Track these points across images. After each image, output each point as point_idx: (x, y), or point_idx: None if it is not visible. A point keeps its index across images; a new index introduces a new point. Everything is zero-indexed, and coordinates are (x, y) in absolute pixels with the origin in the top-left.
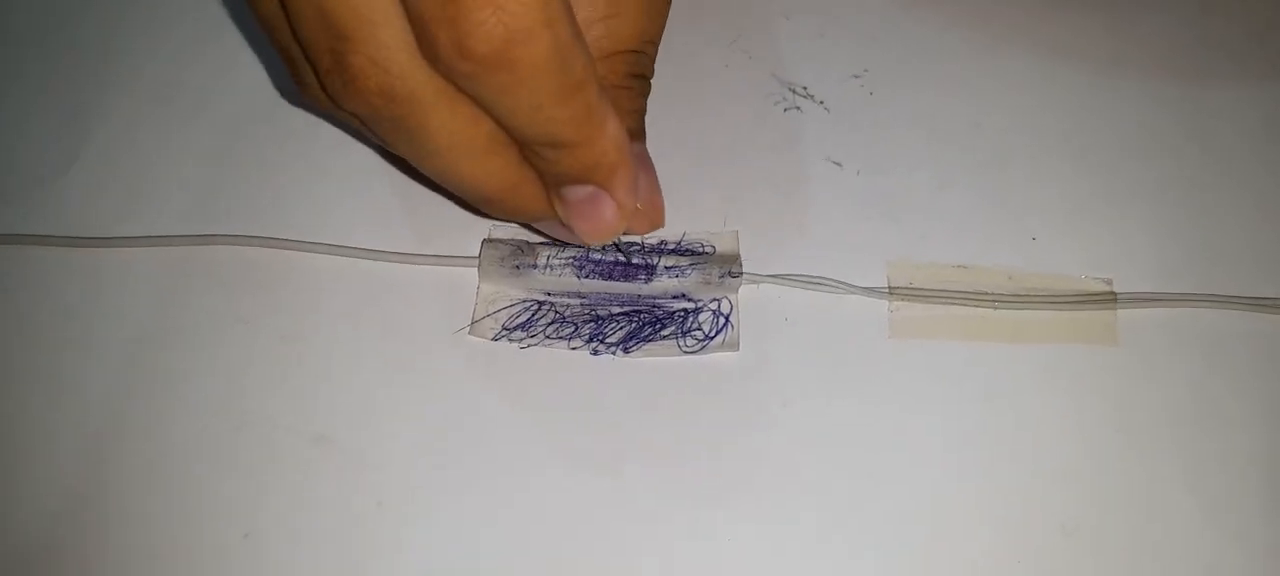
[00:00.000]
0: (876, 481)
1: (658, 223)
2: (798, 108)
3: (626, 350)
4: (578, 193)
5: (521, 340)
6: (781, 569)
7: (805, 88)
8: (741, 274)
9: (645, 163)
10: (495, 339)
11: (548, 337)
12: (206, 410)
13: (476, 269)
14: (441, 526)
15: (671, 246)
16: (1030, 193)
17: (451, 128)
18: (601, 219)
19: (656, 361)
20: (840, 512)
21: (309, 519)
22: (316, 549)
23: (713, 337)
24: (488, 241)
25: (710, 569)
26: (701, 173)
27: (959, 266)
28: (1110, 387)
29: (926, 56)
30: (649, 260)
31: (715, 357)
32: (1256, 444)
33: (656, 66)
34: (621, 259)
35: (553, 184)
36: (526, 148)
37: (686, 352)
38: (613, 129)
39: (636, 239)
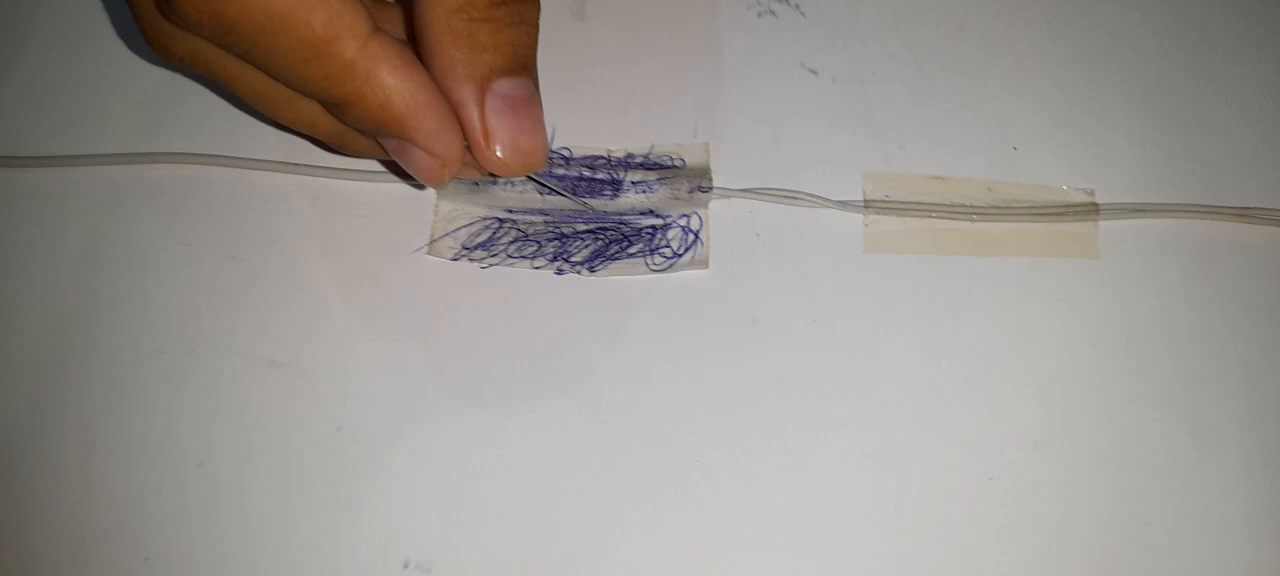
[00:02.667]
0: (849, 400)
1: (530, 166)
2: (772, 12)
3: (592, 269)
4: (387, 142)
5: (482, 260)
6: (752, 490)
7: None
8: (711, 188)
9: (511, 102)
10: (455, 259)
11: (510, 257)
12: (154, 336)
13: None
14: (402, 452)
15: (639, 160)
16: (1012, 101)
17: (250, 80)
18: (418, 167)
19: (623, 281)
20: (812, 432)
21: (265, 446)
22: (274, 476)
23: (682, 255)
24: None
25: (681, 492)
26: (670, 81)
27: (937, 178)
28: (1090, 302)
29: None
30: (614, 175)
31: (685, 276)
32: (1238, 358)
33: None
34: (585, 174)
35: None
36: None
37: (655, 271)
38: (388, 80)
39: (602, 152)
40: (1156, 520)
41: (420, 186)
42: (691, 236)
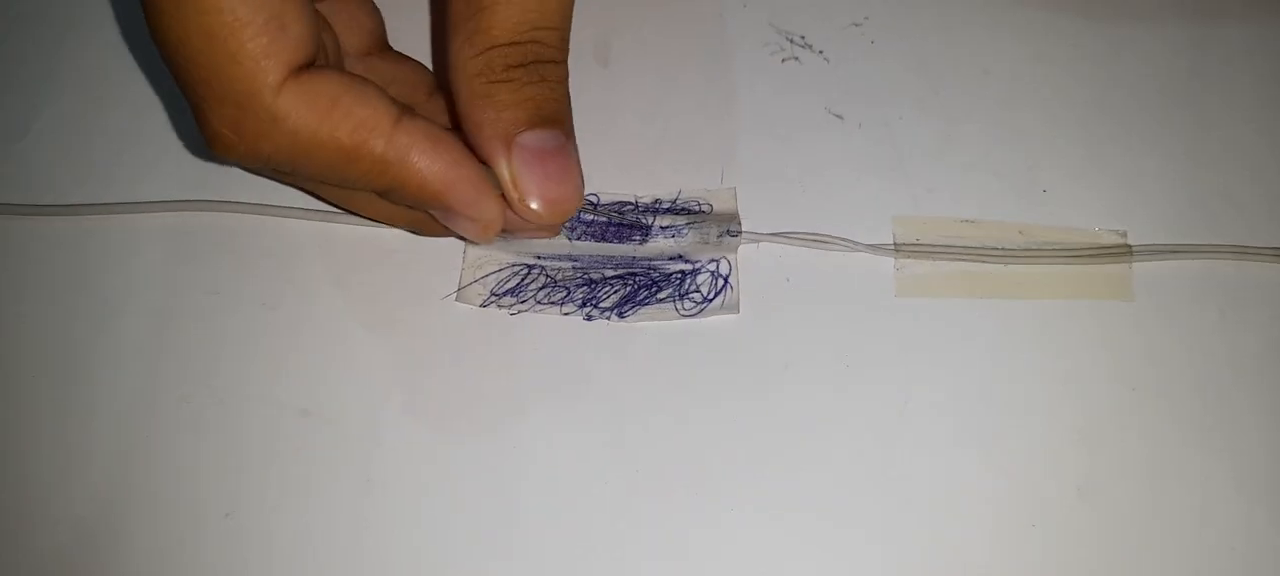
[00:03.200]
0: (885, 446)
1: (564, 213)
2: (796, 58)
3: (621, 315)
4: (437, 214)
5: (511, 306)
6: (787, 539)
7: (804, 37)
8: (740, 232)
9: (537, 154)
10: (484, 305)
11: (539, 303)
12: (182, 384)
13: None
14: (433, 503)
15: (667, 205)
16: (1040, 143)
17: (313, 187)
18: (464, 230)
19: (653, 326)
20: (848, 480)
21: (294, 496)
22: (303, 527)
23: (711, 300)
24: None
25: (713, 540)
26: (695, 126)
27: (967, 221)
28: (1126, 344)
29: (929, 2)
30: (643, 220)
31: (714, 321)
32: (1275, 399)
33: (647, 17)
34: (614, 219)
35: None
36: None
37: (684, 316)
38: (419, 163)
39: (630, 198)
40: (1206, 567)
41: (481, 244)
42: (721, 281)
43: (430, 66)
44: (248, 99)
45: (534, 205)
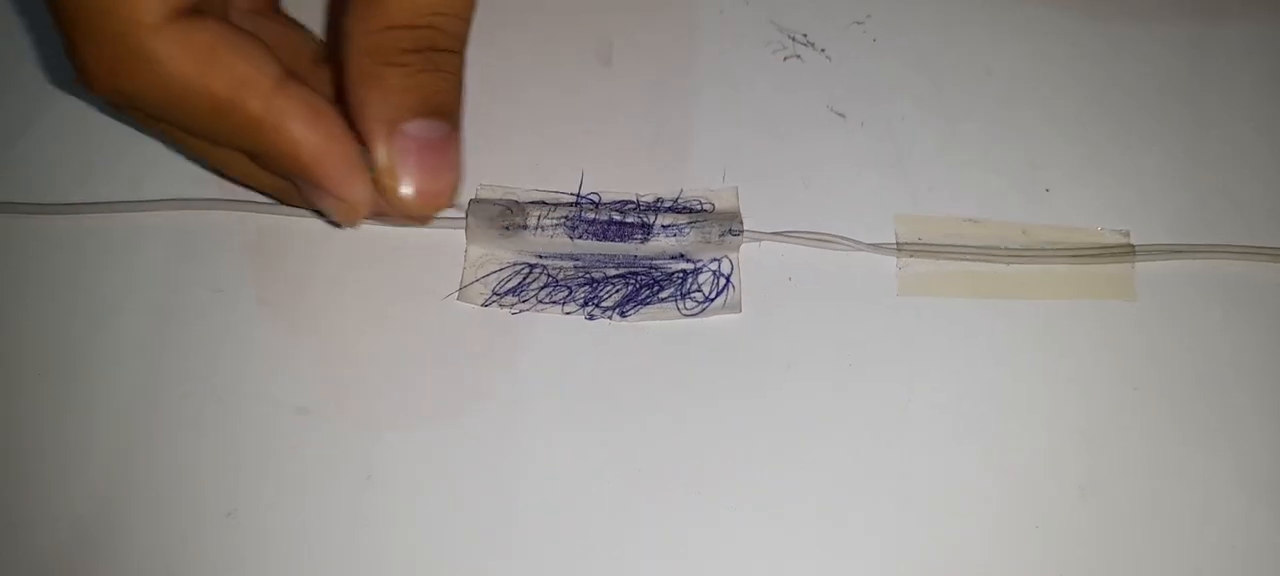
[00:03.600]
0: (887, 446)
1: (435, 206)
2: (798, 56)
3: (623, 314)
4: (302, 186)
5: (513, 305)
6: (788, 538)
7: (805, 35)
8: (742, 231)
9: (419, 143)
10: (485, 304)
11: (540, 302)
12: (183, 383)
13: (464, 230)
14: (433, 501)
15: (668, 204)
16: (1043, 143)
17: (181, 139)
18: (329, 209)
19: (655, 325)
20: (850, 480)
21: (295, 495)
22: (304, 525)
23: (713, 299)
24: (474, 200)
25: (714, 539)
26: (697, 126)
27: (969, 220)
28: (1128, 343)
29: (932, 0)
30: (645, 218)
31: (716, 320)
32: (1277, 398)
33: (649, 16)
34: (615, 218)
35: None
36: None
37: (686, 315)
38: (295, 130)
39: (631, 197)
40: (1208, 566)
41: (338, 224)
42: (723, 280)
43: (320, 34)
44: (123, 36)
45: (406, 195)
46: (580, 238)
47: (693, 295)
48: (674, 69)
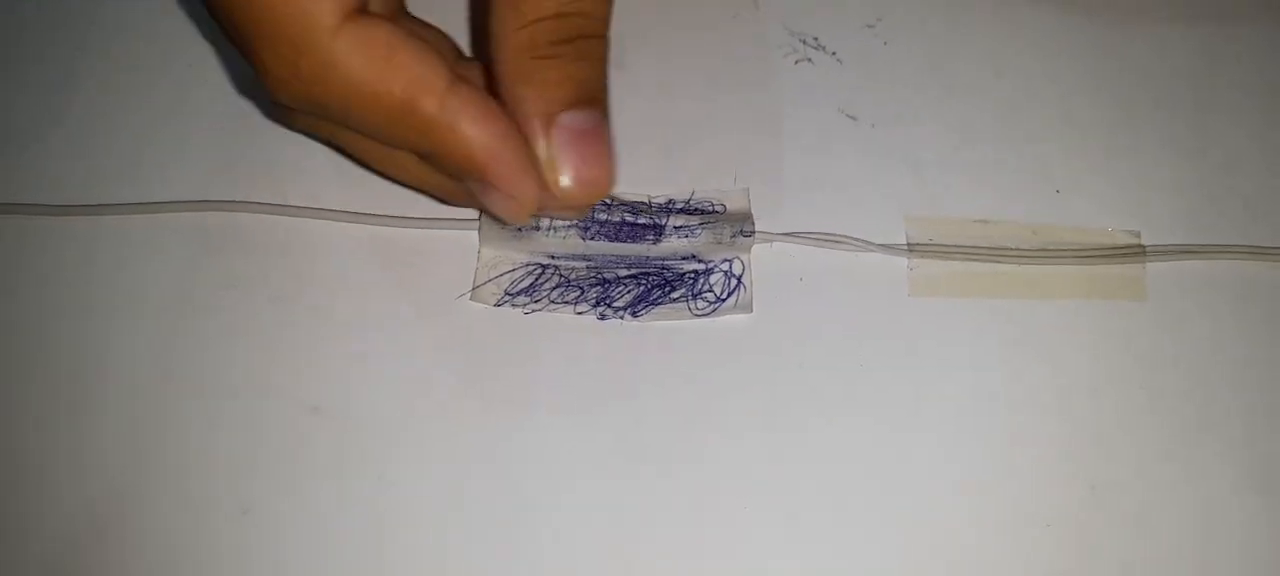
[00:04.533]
0: (898, 446)
1: (597, 194)
2: (809, 59)
3: (635, 314)
4: (473, 186)
5: (525, 305)
6: (800, 538)
7: (816, 38)
8: (754, 232)
9: (576, 134)
10: (498, 305)
11: (553, 302)
12: (199, 381)
13: (477, 231)
14: (446, 500)
15: (680, 205)
16: (1053, 144)
17: (360, 145)
18: (498, 207)
19: (667, 325)
20: (861, 480)
21: (310, 493)
22: (318, 524)
23: (725, 300)
24: None
25: (726, 539)
26: (710, 128)
27: (980, 221)
28: (1139, 344)
29: (942, 3)
30: (657, 220)
31: (728, 320)
32: None
33: (662, 20)
34: (628, 219)
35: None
36: None
37: (698, 315)
38: (468, 130)
39: (643, 198)
40: (1219, 565)
41: (508, 225)
42: (734, 281)
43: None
44: (303, 38)
45: (568, 186)
46: (593, 238)
47: (704, 295)
48: (686, 71)
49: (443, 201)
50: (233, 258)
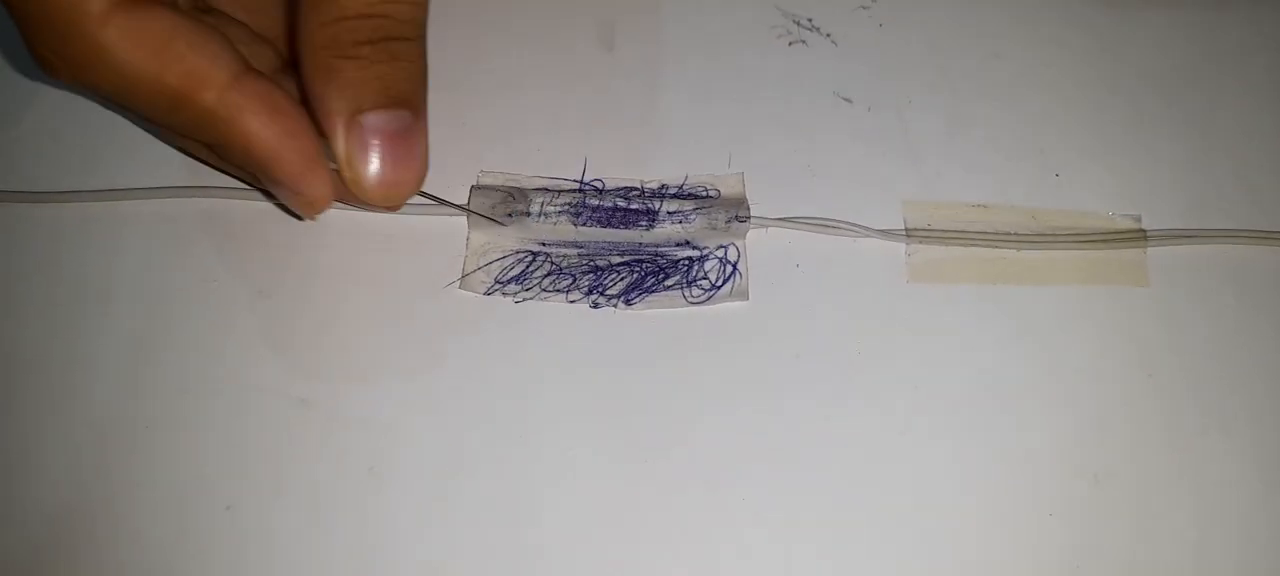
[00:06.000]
0: (897, 434)
1: (398, 196)
2: (803, 41)
3: (629, 302)
4: (263, 180)
5: (516, 294)
6: (799, 527)
7: (811, 20)
8: (748, 218)
9: (379, 134)
10: (488, 293)
11: (544, 290)
12: (180, 374)
13: (465, 218)
14: (436, 493)
15: (673, 190)
16: (1052, 127)
17: (135, 118)
18: (289, 201)
19: (661, 313)
20: (860, 468)
21: (295, 487)
22: (305, 519)
23: (720, 287)
24: (476, 187)
25: (724, 528)
26: (702, 111)
27: (979, 206)
28: (1140, 329)
29: None
30: (650, 205)
31: (724, 308)
32: None
33: (652, 1)
34: (620, 204)
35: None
36: None
37: (693, 303)
38: (251, 125)
39: (636, 183)
40: (1223, 551)
41: (300, 216)
42: (730, 267)
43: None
44: (69, 26)
45: (368, 186)
46: (584, 224)
47: (699, 282)
48: (678, 54)
49: (248, 185)
50: (211, 245)
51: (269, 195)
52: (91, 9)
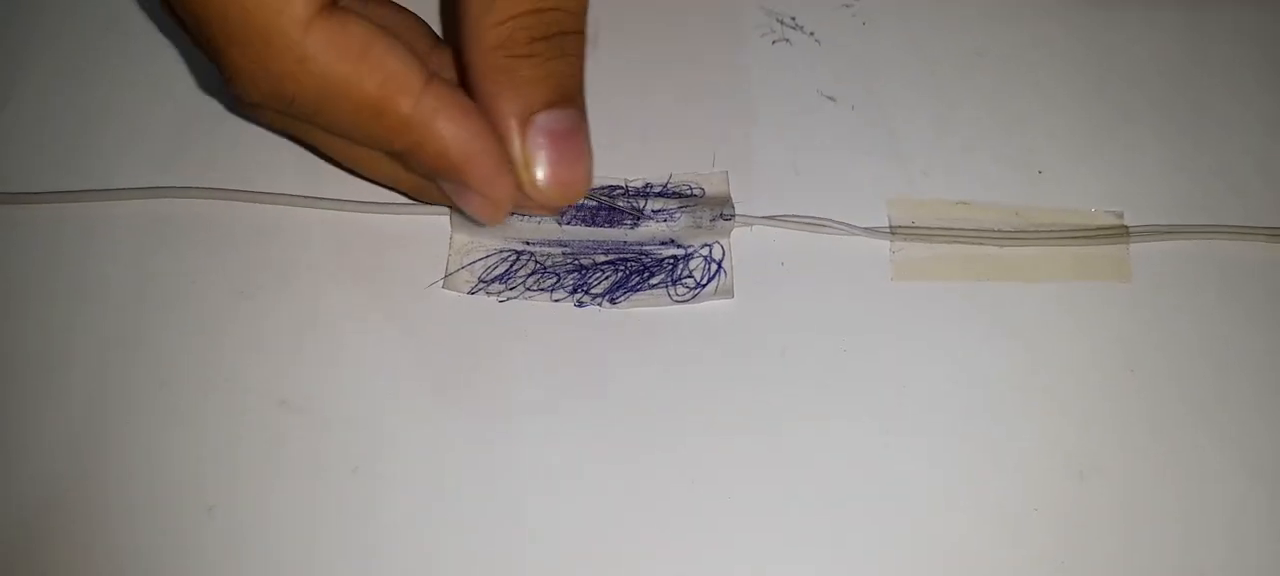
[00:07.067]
0: (883, 431)
1: (573, 195)
2: (787, 40)
3: (613, 301)
4: (447, 186)
5: (500, 293)
6: (784, 525)
7: (794, 18)
8: (733, 216)
9: (552, 134)
10: (471, 293)
11: (528, 289)
12: (159, 376)
13: (448, 217)
14: (420, 492)
15: (658, 189)
16: (1036, 124)
17: (331, 143)
18: (473, 207)
19: (646, 312)
20: (845, 466)
21: (278, 488)
22: (287, 520)
23: (705, 285)
24: None
25: (709, 531)
26: (686, 110)
27: (963, 203)
28: (1124, 325)
29: None
30: (634, 204)
31: (709, 306)
32: (1276, 379)
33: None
34: (604, 203)
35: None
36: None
37: (678, 302)
38: (444, 130)
39: (620, 182)
40: (1207, 546)
41: (483, 224)
42: (715, 266)
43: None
44: (273, 35)
45: (544, 187)
46: (568, 223)
47: (684, 281)
48: (661, 52)
49: (415, 199)
50: (191, 246)
51: (450, 203)
52: (296, 16)
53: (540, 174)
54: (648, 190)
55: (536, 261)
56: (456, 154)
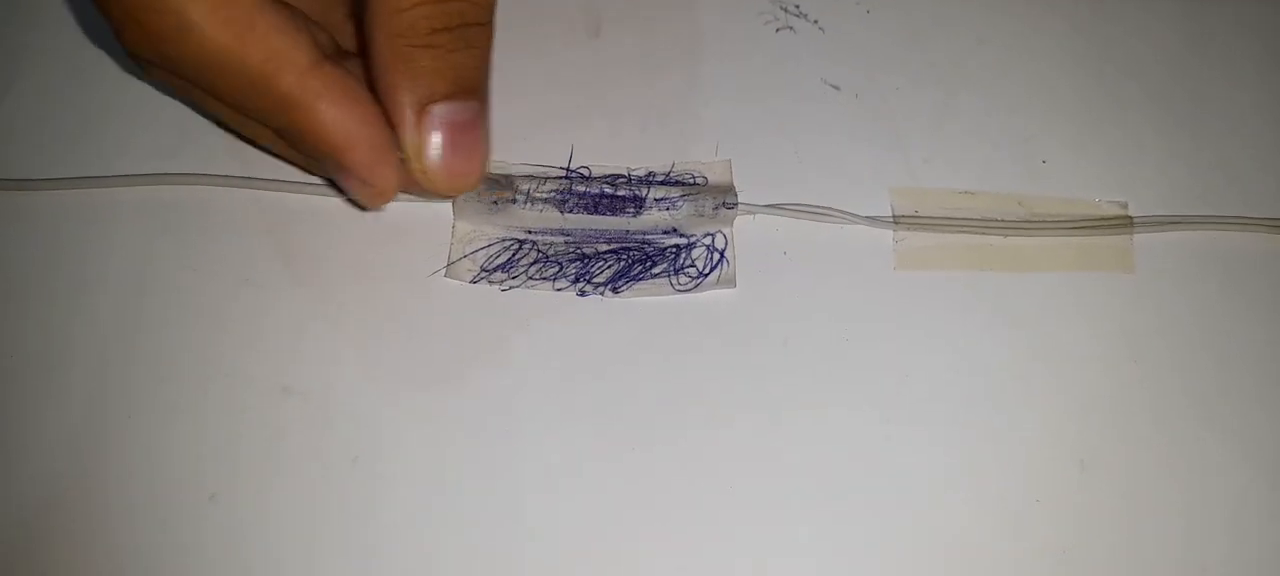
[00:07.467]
0: (885, 421)
1: (462, 186)
2: (790, 28)
3: (616, 290)
4: (329, 167)
5: (502, 282)
6: (786, 515)
7: (798, 6)
8: (736, 205)
9: (448, 125)
10: (474, 281)
11: (531, 278)
12: (162, 364)
13: (451, 205)
14: (421, 482)
15: (660, 177)
16: (1039, 114)
17: (214, 107)
18: (354, 190)
19: (648, 301)
20: (848, 456)
21: (279, 477)
22: (289, 508)
23: (708, 274)
24: None
25: (711, 520)
26: (689, 98)
27: (966, 192)
28: (1127, 315)
29: None
30: (636, 192)
31: (711, 295)
32: (1277, 370)
33: None
34: (607, 191)
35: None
36: None
37: (680, 291)
38: (326, 113)
39: (622, 170)
40: (1212, 539)
41: (363, 207)
42: (717, 255)
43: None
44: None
45: (434, 176)
46: (571, 212)
47: (687, 270)
48: (665, 41)
49: (306, 171)
50: (194, 233)
51: (332, 185)
52: None
53: (432, 163)
54: (650, 178)
55: (539, 250)
56: (336, 137)
